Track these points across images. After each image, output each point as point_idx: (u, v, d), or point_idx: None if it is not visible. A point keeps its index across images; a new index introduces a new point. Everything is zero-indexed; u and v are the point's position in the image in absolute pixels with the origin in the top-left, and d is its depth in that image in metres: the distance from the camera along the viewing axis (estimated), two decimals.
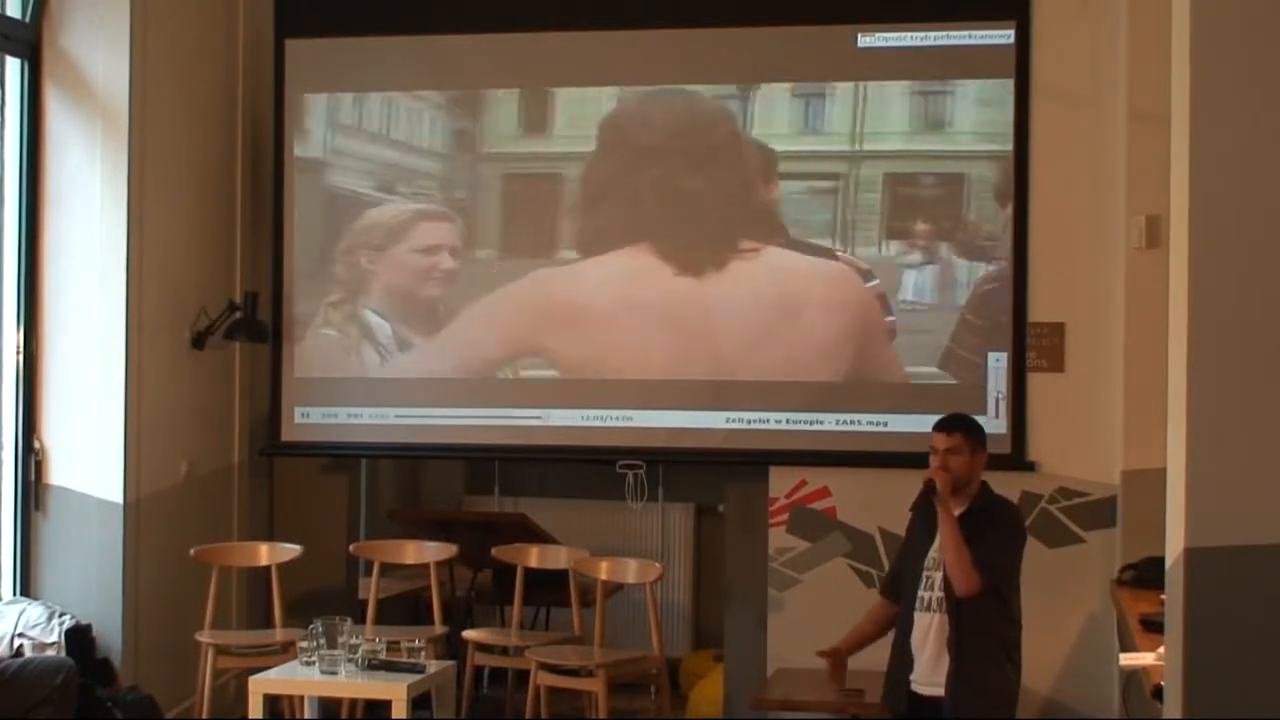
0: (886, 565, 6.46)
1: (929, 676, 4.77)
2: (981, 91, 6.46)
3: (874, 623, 5.12)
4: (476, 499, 8.10)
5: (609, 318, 6.71)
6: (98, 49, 6.25)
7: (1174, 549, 3.33)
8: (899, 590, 5.00)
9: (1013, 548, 4.83)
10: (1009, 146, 6.38)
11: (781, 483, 6.59)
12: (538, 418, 6.82)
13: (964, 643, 4.68)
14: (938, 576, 4.77)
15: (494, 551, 6.65)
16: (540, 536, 6.83)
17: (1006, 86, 6.39)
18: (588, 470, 7.38)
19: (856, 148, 6.58)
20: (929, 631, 4.78)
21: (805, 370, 6.55)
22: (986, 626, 4.69)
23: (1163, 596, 3.75)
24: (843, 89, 6.58)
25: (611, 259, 6.74)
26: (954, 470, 4.78)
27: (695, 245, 6.65)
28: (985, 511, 4.81)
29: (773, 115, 6.68)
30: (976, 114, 6.48)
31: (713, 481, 7.38)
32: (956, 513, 4.77)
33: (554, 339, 6.78)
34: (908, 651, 4.85)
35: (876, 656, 6.17)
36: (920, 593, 4.83)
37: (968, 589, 4.66)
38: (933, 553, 4.83)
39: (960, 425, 4.91)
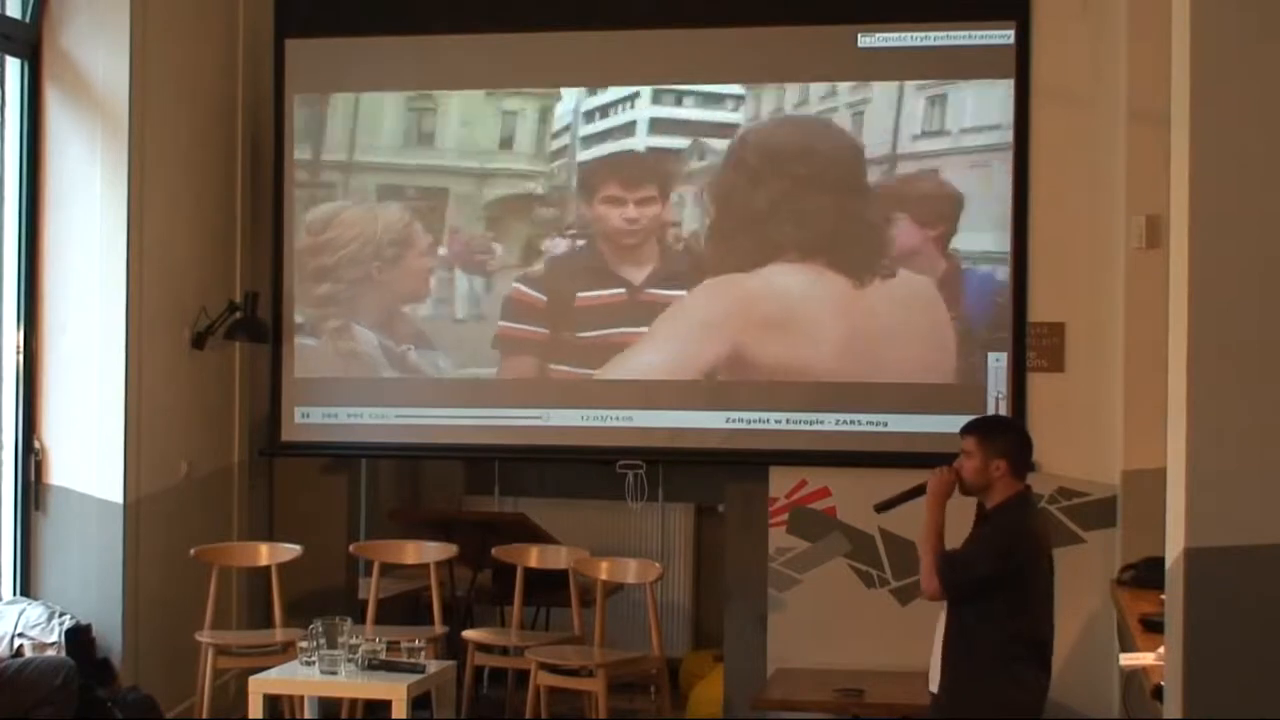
0: (887, 565, 6.48)
1: (932, 673, 4.76)
2: (980, 91, 6.47)
3: None
4: (476, 499, 8.10)
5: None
6: (98, 49, 6.25)
7: (1174, 549, 3.33)
8: None
9: (982, 561, 4.60)
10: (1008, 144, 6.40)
11: (781, 483, 6.59)
12: (538, 418, 6.82)
13: (948, 645, 4.63)
14: None
15: (494, 551, 6.65)
16: (540, 536, 6.83)
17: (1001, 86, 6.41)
18: (588, 470, 7.38)
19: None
20: (938, 629, 4.76)
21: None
22: (967, 634, 4.60)
23: (1163, 596, 3.75)
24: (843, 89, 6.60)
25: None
26: (963, 473, 4.67)
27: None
28: (990, 519, 4.70)
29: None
30: (977, 113, 6.48)
31: (713, 481, 7.37)
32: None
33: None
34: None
35: (877, 656, 6.19)
36: None
37: (924, 590, 4.68)
38: None
39: (973, 429, 4.78)
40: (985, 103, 6.46)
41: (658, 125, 6.79)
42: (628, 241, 6.76)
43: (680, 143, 6.75)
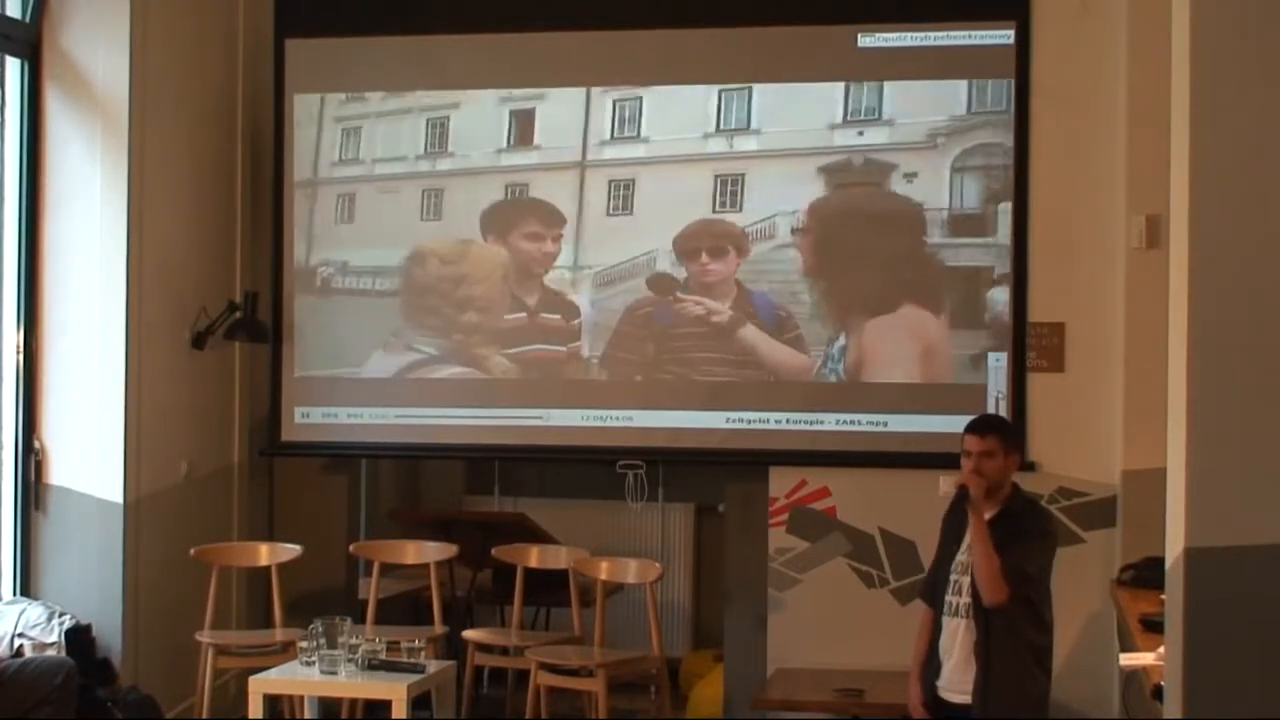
0: (887, 565, 6.48)
1: (956, 683, 4.73)
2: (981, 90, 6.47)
3: (927, 631, 4.92)
4: (476, 499, 8.10)
5: None
6: (98, 49, 6.25)
7: (1174, 549, 3.33)
8: (933, 594, 4.91)
9: (1043, 554, 4.73)
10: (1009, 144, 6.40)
11: (781, 483, 6.59)
12: (538, 418, 6.82)
13: (992, 650, 4.61)
14: (965, 581, 4.71)
15: (494, 551, 6.65)
16: (540, 536, 6.83)
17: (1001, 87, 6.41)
18: (588, 470, 7.38)
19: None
20: (956, 637, 4.73)
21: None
22: (1014, 633, 4.62)
23: (1163, 596, 3.75)
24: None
25: None
26: (988, 474, 4.68)
27: None
28: (1016, 516, 4.72)
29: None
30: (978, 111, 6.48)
31: (713, 481, 7.37)
32: (987, 516, 4.68)
33: None
34: (935, 655, 4.80)
35: (877, 656, 6.18)
36: (948, 597, 4.77)
37: (995, 599, 4.59)
38: (960, 556, 4.76)
39: (995, 427, 4.83)
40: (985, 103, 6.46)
41: None
42: None
43: None
